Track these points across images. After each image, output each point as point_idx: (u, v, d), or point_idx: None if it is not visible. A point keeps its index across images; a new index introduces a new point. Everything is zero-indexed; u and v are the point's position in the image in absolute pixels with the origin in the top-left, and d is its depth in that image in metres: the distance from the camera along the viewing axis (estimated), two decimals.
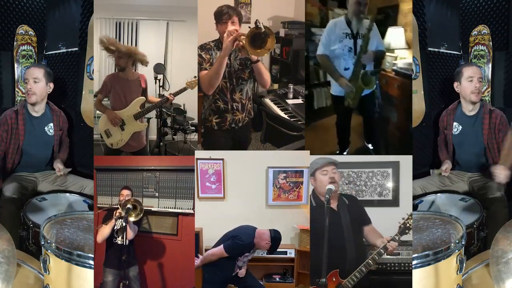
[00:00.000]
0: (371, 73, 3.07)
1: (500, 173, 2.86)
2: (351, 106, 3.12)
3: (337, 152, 3.35)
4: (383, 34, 3.42)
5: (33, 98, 3.09)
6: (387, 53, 3.48)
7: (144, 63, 3.25)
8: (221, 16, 2.76)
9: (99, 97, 3.24)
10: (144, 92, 3.27)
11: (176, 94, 3.20)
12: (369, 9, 3.07)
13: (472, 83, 3.09)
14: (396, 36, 3.49)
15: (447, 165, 3.17)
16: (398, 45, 3.51)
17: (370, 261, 2.34)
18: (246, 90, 2.91)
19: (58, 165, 3.15)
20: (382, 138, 3.43)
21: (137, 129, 3.25)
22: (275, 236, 2.71)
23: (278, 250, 3.27)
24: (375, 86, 3.11)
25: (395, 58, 3.60)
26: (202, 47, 2.80)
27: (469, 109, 3.17)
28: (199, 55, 2.78)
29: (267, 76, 2.84)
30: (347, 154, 3.34)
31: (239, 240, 2.71)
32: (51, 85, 3.18)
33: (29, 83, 3.07)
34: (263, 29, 2.51)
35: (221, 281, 2.77)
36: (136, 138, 3.28)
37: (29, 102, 3.11)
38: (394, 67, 3.54)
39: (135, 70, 3.33)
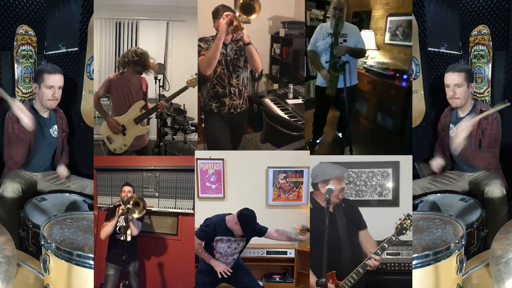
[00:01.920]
0: (338, 63, 3.31)
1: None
2: (330, 95, 3.36)
3: (311, 140, 3.55)
4: None
5: (55, 103, 3.10)
6: None
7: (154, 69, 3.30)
8: (218, 13, 2.98)
9: (98, 93, 3.25)
10: (144, 95, 3.27)
11: (172, 97, 3.24)
12: (347, 13, 3.43)
13: (448, 90, 3.09)
14: (367, 38, 3.87)
15: (437, 160, 3.13)
16: (369, 46, 3.91)
17: (367, 262, 2.33)
18: (243, 78, 3.12)
19: (62, 170, 3.16)
20: (354, 128, 3.64)
21: (138, 133, 3.27)
22: (240, 213, 2.71)
23: (278, 250, 3.29)
24: (343, 72, 3.30)
25: (366, 57, 3.98)
26: (201, 39, 3.02)
27: (462, 111, 3.15)
28: (198, 45, 2.99)
29: (258, 59, 3.03)
30: (320, 143, 3.60)
31: (204, 225, 2.77)
32: None
33: (56, 91, 3.05)
34: None
35: (211, 273, 2.76)
36: (138, 137, 3.30)
37: (51, 107, 3.10)
38: (365, 65, 4.02)
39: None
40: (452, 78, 3.08)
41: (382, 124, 3.82)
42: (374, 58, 4.03)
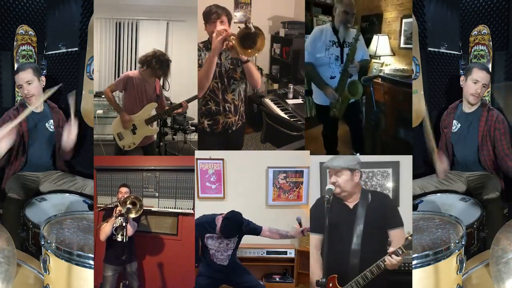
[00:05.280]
0: (364, 81, 3.06)
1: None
2: (337, 116, 3.08)
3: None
4: (368, 41, 3.51)
5: (33, 99, 3.11)
6: (373, 60, 3.59)
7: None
8: (210, 15, 2.72)
9: (112, 87, 3.24)
10: (157, 98, 3.28)
11: (189, 101, 3.18)
12: (355, 18, 3.11)
13: (475, 85, 3.11)
14: (381, 44, 3.60)
15: (444, 166, 3.10)
16: (384, 52, 3.62)
17: (368, 273, 2.19)
18: (239, 91, 2.87)
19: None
20: (370, 145, 3.44)
21: (148, 133, 3.29)
22: (226, 216, 2.68)
23: (278, 250, 3.29)
24: (361, 95, 3.07)
25: (381, 64, 3.68)
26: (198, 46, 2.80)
27: (468, 107, 3.19)
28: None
29: (257, 76, 2.80)
30: None
31: (197, 222, 2.79)
32: (43, 78, 3.18)
33: (24, 88, 3.07)
34: (253, 29, 2.45)
35: (212, 273, 2.76)
36: (146, 137, 3.32)
37: (31, 104, 3.10)
38: (381, 74, 3.63)
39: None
40: (483, 77, 3.10)
41: (406, 139, 3.36)
42: (390, 64, 3.67)
